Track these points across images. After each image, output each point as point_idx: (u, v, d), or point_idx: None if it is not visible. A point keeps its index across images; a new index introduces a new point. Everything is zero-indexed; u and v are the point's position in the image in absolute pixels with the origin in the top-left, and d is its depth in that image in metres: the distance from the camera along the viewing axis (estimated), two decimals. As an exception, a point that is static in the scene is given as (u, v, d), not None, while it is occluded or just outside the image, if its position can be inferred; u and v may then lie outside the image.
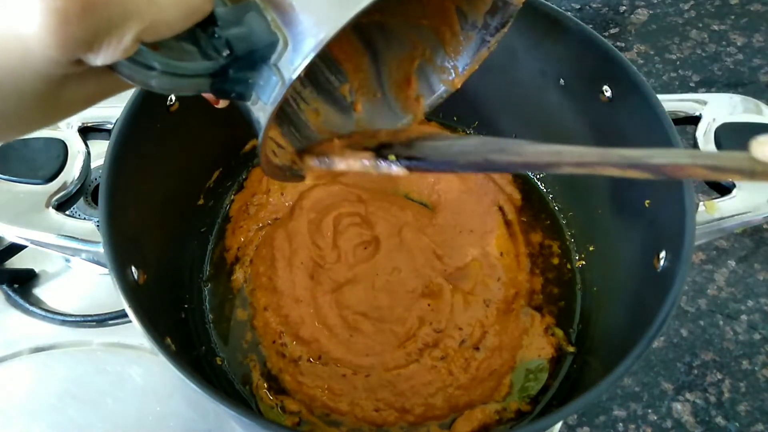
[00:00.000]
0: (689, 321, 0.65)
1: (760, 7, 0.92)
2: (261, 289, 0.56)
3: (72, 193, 0.46)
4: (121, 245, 0.41)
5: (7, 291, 0.61)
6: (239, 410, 0.34)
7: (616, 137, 0.51)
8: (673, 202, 0.42)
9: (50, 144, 0.47)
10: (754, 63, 0.86)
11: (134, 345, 0.58)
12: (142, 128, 0.46)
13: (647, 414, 0.60)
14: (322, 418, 0.50)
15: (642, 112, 0.46)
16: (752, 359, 0.62)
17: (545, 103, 0.57)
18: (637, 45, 0.88)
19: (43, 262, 0.64)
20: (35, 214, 0.44)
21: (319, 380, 0.51)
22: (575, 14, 0.91)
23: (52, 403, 0.55)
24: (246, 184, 0.62)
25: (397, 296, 0.55)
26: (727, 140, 0.47)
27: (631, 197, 0.49)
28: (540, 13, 0.51)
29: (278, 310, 0.54)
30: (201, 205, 0.59)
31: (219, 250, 0.59)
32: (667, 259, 0.42)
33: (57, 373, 0.57)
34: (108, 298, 0.61)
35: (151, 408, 0.55)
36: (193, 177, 0.57)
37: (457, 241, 0.58)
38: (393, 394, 0.50)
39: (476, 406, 0.50)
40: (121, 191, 0.43)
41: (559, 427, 0.58)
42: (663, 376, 0.62)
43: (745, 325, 0.64)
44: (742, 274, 0.68)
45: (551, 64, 0.54)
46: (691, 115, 0.50)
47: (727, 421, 0.59)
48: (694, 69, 0.86)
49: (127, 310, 0.38)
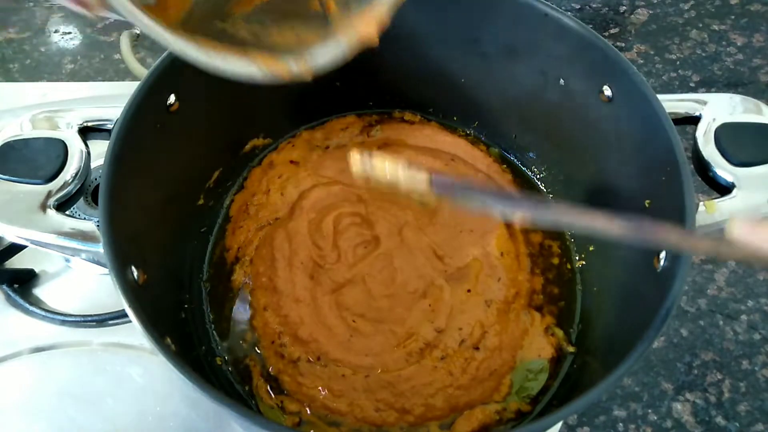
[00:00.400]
0: (689, 321, 0.65)
1: (760, 7, 0.92)
2: (261, 289, 0.56)
3: (72, 193, 0.46)
4: (121, 245, 0.41)
5: (7, 291, 0.61)
6: (239, 410, 0.34)
7: (616, 137, 0.51)
8: (673, 202, 0.42)
9: (50, 144, 0.47)
10: (754, 63, 0.86)
11: (134, 345, 0.58)
12: (142, 128, 0.46)
13: (647, 414, 0.60)
14: (322, 419, 0.50)
15: (642, 112, 0.46)
16: (752, 359, 0.62)
17: (545, 103, 0.57)
18: (637, 45, 0.88)
19: (43, 262, 0.64)
20: (35, 214, 0.44)
21: (318, 380, 0.51)
22: (575, 14, 0.91)
23: (52, 403, 0.55)
24: (246, 184, 0.62)
25: (397, 297, 0.55)
26: (727, 140, 0.47)
27: (631, 197, 0.49)
28: (540, 13, 0.51)
29: (278, 311, 0.54)
30: (201, 205, 0.59)
31: (219, 250, 0.59)
32: (667, 259, 0.42)
33: (57, 373, 0.57)
34: (108, 298, 0.61)
35: (151, 408, 0.55)
36: (193, 177, 0.57)
37: (457, 241, 0.58)
38: (393, 395, 0.50)
39: (476, 406, 0.50)
40: (121, 191, 0.43)
41: (559, 427, 0.58)
42: (663, 376, 0.62)
43: (745, 325, 0.64)
44: (742, 274, 0.68)
45: (551, 64, 0.54)
46: (691, 115, 0.50)
47: (727, 421, 0.59)
48: (694, 69, 0.86)
49: (127, 310, 0.38)
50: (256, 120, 0.62)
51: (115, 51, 0.90)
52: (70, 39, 0.94)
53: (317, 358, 0.52)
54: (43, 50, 0.92)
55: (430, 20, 0.56)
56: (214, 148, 0.58)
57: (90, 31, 0.94)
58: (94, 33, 0.94)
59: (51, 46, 0.93)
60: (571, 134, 0.57)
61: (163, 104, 0.48)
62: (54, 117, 0.49)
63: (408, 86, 0.64)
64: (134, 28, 0.90)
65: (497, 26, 0.55)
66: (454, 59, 0.60)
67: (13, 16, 0.97)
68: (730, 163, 0.46)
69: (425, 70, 0.61)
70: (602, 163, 0.54)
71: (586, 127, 0.54)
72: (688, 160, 0.43)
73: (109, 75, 0.89)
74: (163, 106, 0.48)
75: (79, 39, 0.94)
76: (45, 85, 0.85)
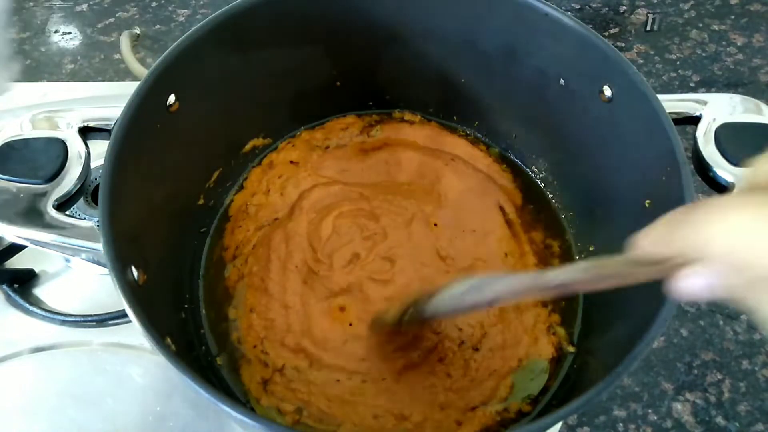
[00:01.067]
0: (689, 321, 0.65)
1: (760, 7, 0.92)
2: (252, 288, 0.55)
3: (72, 193, 0.46)
4: (121, 245, 0.41)
5: (7, 291, 0.61)
6: (239, 410, 0.34)
7: (616, 137, 0.51)
8: (673, 202, 0.42)
9: (50, 144, 0.47)
10: (754, 63, 0.86)
11: (134, 345, 0.58)
12: (142, 128, 0.46)
13: (647, 414, 0.60)
14: (318, 423, 0.49)
15: (642, 112, 0.46)
16: (752, 359, 0.62)
17: (545, 103, 0.57)
18: (637, 45, 0.88)
19: (43, 262, 0.64)
20: (35, 214, 0.44)
21: (312, 386, 0.50)
22: (575, 14, 0.91)
23: (52, 403, 0.55)
24: (246, 184, 0.62)
25: (396, 300, 0.55)
26: (727, 140, 0.47)
27: (631, 197, 0.49)
28: (540, 13, 0.51)
29: (264, 314, 0.54)
30: (201, 205, 0.59)
31: (218, 250, 0.59)
32: (667, 259, 0.42)
33: (57, 373, 0.57)
34: (108, 298, 0.61)
35: (151, 408, 0.55)
36: (193, 177, 0.57)
37: (460, 242, 0.58)
38: (391, 401, 0.50)
39: (477, 408, 0.50)
40: (121, 191, 0.43)
41: (559, 427, 0.58)
42: (663, 376, 0.62)
43: (745, 325, 0.64)
44: (742, 274, 0.68)
45: (551, 64, 0.54)
46: (691, 115, 0.50)
47: (727, 421, 0.59)
48: (694, 69, 0.86)
49: (127, 310, 0.38)
50: (256, 120, 0.62)
51: (115, 51, 0.90)
52: (70, 39, 0.94)
53: (309, 364, 0.51)
54: (43, 50, 0.92)
55: (430, 20, 0.56)
56: (213, 148, 0.58)
57: (90, 31, 0.95)
58: (94, 33, 0.94)
59: (51, 46, 0.93)
60: (571, 134, 0.57)
61: (163, 104, 0.48)
62: (54, 117, 0.49)
63: (408, 86, 0.64)
64: (134, 27, 0.90)
65: (497, 26, 0.55)
66: (454, 59, 0.60)
67: (13, 16, 0.97)
68: (730, 163, 0.46)
69: (425, 70, 0.61)
70: (602, 163, 0.54)
71: (586, 127, 0.54)
72: (688, 160, 0.43)
73: (109, 75, 0.89)
74: (163, 106, 0.48)
75: (79, 39, 0.94)
76: (45, 85, 0.85)
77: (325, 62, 0.60)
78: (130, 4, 0.97)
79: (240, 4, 0.51)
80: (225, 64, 0.53)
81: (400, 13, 0.57)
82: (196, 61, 0.50)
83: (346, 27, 0.57)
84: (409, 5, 0.56)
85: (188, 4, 0.96)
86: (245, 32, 0.53)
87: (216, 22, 0.50)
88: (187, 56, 0.49)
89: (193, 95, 0.50)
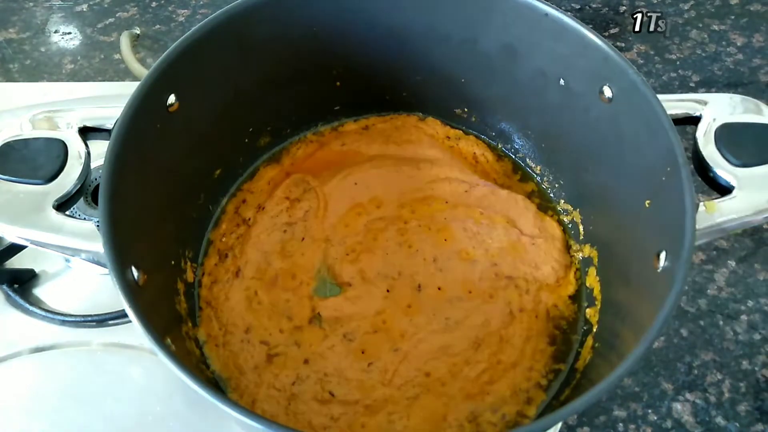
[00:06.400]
0: (689, 321, 0.65)
1: (760, 7, 0.92)
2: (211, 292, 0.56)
3: (72, 193, 0.46)
4: (121, 245, 0.41)
5: (7, 291, 0.61)
6: (239, 410, 0.34)
7: (616, 137, 0.51)
8: (673, 202, 0.42)
9: (50, 144, 0.47)
10: (754, 63, 0.86)
11: (134, 345, 0.58)
12: (142, 128, 0.46)
13: (647, 414, 0.59)
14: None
15: (642, 112, 0.46)
16: (752, 359, 0.62)
17: (545, 103, 0.57)
18: (637, 45, 0.88)
19: (43, 262, 0.64)
20: (35, 214, 0.44)
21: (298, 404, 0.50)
22: (575, 14, 0.91)
23: (52, 403, 0.55)
24: (245, 185, 0.62)
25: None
26: (727, 140, 0.47)
27: (631, 197, 0.49)
28: (540, 13, 0.51)
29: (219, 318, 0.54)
30: (201, 205, 0.59)
31: (217, 250, 0.59)
32: (667, 259, 0.42)
33: (57, 373, 0.57)
34: (108, 298, 0.61)
35: (151, 408, 0.55)
36: (193, 177, 0.57)
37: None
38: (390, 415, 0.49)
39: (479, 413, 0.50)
40: (121, 191, 0.43)
41: (559, 427, 0.58)
42: (663, 376, 0.61)
43: (745, 325, 0.64)
44: (742, 274, 0.68)
45: (551, 64, 0.54)
46: (691, 116, 0.50)
47: (727, 421, 0.59)
48: (694, 69, 0.86)
49: (127, 310, 0.38)
50: (255, 120, 0.62)
51: (115, 51, 0.90)
52: (70, 39, 0.94)
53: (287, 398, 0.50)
54: (43, 50, 0.92)
55: (431, 20, 0.56)
56: (213, 148, 0.58)
57: (90, 31, 0.95)
58: (94, 33, 0.94)
59: (51, 46, 0.93)
60: (571, 134, 0.57)
61: (163, 104, 0.48)
62: (54, 117, 0.49)
63: (408, 86, 0.64)
64: (134, 27, 0.90)
65: (497, 26, 0.55)
66: (454, 59, 0.60)
67: (13, 16, 0.97)
68: (731, 163, 0.46)
69: (425, 70, 0.62)
70: (602, 163, 0.54)
71: (586, 127, 0.54)
72: (688, 160, 0.43)
73: (109, 75, 0.89)
74: (163, 106, 0.48)
75: (79, 39, 0.94)
76: (45, 85, 0.85)
77: (325, 62, 0.60)
78: (130, 4, 0.97)
79: (240, 4, 0.51)
80: (225, 64, 0.53)
81: (400, 13, 0.57)
82: (196, 61, 0.50)
83: (346, 27, 0.57)
84: (409, 5, 0.56)
85: (188, 4, 0.95)
86: (245, 32, 0.53)
87: (216, 22, 0.50)
88: (187, 56, 0.49)
89: (193, 95, 0.50)
